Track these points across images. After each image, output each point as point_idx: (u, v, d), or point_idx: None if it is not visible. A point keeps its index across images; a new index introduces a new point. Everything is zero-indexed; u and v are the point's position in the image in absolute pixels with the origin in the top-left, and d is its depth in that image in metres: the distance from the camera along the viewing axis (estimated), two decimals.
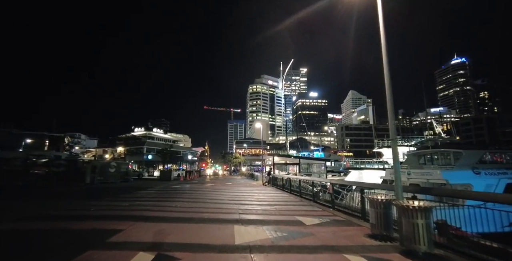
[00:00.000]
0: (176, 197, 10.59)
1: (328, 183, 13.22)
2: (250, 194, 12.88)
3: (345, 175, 39.43)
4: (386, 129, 37.17)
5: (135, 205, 8.25)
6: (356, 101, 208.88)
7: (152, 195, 11.39)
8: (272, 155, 23.07)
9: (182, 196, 11.25)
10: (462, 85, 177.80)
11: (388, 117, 4.85)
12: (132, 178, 24.53)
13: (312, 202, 10.19)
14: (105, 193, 12.47)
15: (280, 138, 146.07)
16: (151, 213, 6.80)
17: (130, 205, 8.21)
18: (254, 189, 16.68)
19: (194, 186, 17.42)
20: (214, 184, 20.36)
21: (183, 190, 14.20)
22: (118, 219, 5.84)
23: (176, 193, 12.72)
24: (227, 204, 8.89)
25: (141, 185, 18.39)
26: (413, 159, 19.38)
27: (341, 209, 8.22)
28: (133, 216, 6.34)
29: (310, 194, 13.45)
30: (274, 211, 7.80)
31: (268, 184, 20.42)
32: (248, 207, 8.41)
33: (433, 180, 14.66)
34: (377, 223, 4.83)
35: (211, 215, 6.78)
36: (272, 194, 13.33)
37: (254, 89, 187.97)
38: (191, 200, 9.82)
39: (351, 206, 8.38)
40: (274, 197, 11.87)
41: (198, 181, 24.12)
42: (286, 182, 16.85)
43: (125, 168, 21.97)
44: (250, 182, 26.45)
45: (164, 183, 20.94)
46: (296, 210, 8.22)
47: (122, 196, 10.69)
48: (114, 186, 16.97)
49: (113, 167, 19.90)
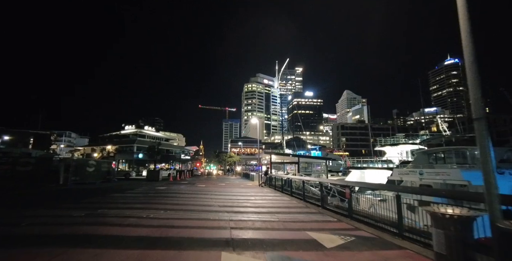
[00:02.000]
0: (155, 203, 8.64)
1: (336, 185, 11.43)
2: (245, 198, 11.01)
3: (344, 175, 37.87)
4: (382, 128, 35.93)
5: (94, 215, 6.29)
6: (351, 100, 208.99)
7: (127, 200, 9.41)
8: (269, 154, 21.23)
9: (163, 201, 9.30)
10: (455, 86, 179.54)
11: (468, 84, 3.05)
12: (116, 178, 22.39)
13: (320, 209, 8.40)
14: (71, 196, 10.45)
15: (276, 137, 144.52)
16: (107, 229, 4.87)
17: (87, 215, 6.24)
18: (249, 191, 14.82)
19: (181, 188, 15.46)
20: (206, 185, 18.42)
21: (167, 193, 12.24)
22: (46, 243, 3.90)
23: (157, 197, 10.75)
24: (217, 213, 7.00)
25: (122, 186, 16.33)
26: (422, 158, 17.80)
27: (361, 218, 6.46)
28: (76, 235, 4.41)
29: (315, 197, 11.69)
30: (276, 224, 5.96)
31: (265, 185, 18.59)
32: (243, 217, 6.55)
33: (451, 181, 13.04)
34: (450, 254, 3.03)
35: (191, 232, 4.88)
36: (271, 198, 11.49)
37: (250, 88, 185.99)
38: (172, 206, 7.89)
39: (376, 215, 6.61)
40: (274, 202, 10.04)
41: (188, 182, 22.12)
42: (286, 183, 15.06)
43: (106, 167, 19.81)
44: (245, 182, 24.58)
45: (151, 184, 18.90)
46: (305, 221, 6.39)
47: (87, 202, 8.68)
48: (90, 187, 14.88)
49: (91, 166, 17.74)
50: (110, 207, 7.44)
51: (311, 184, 15.06)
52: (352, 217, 6.80)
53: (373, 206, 11.13)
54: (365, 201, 10.36)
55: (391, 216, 6.52)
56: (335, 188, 13.97)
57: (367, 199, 11.29)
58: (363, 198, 10.76)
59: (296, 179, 13.84)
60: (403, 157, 26.25)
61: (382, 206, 7.11)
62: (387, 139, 28.09)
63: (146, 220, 5.79)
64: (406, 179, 16.82)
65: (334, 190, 14.38)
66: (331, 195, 14.83)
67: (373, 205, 11.23)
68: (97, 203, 8.32)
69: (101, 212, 6.65)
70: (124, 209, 7.20)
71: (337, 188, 13.82)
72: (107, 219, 5.82)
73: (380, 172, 23.03)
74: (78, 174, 16.33)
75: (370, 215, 6.86)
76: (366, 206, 9.92)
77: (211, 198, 10.42)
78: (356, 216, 6.74)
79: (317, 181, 10.75)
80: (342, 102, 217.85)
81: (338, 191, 14.43)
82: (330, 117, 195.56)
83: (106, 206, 7.76)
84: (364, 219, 6.35)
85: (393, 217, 6.16)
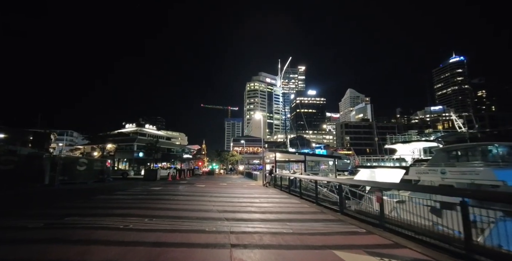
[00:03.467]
0: (142, 208, 7.28)
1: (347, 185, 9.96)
2: (248, 201, 9.63)
3: (352, 174, 36.33)
4: (387, 127, 34.22)
5: (56, 226, 4.93)
6: (354, 99, 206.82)
7: (111, 204, 8.07)
8: (273, 152, 19.84)
9: (153, 205, 7.94)
10: (460, 84, 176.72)
11: None
12: (112, 178, 21.14)
13: (339, 215, 7.00)
14: (49, 199, 9.15)
15: (278, 136, 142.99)
16: (57, 250, 3.51)
17: (47, 226, 4.88)
18: (253, 192, 13.44)
19: (178, 189, 14.12)
20: (205, 185, 17.08)
21: (161, 195, 10.90)
22: None
23: (148, 199, 9.41)
24: (215, 222, 5.63)
25: (115, 186, 15.06)
26: (441, 156, 16.30)
27: (398, 230, 5.07)
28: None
29: (329, 200, 10.28)
30: (291, 237, 4.57)
31: (269, 185, 17.21)
32: (247, 227, 5.17)
33: (480, 181, 11.54)
34: None
35: (176, 255, 3.50)
36: (278, 200, 10.10)
37: (252, 86, 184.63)
38: (161, 213, 6.53)
39: (417, 225, 5.21)
40: (282, 206, 8.65)
41: (187, 182, 20.80)
42: (292, 183, 13.66)
43: (100, 166, 18.53)
44: (248, 182, 23.23)
45: (147, 183, 17.61)
46: (326, 233, 4.99)
47: (61, 206, 7.34)
48: (79, 188, 13.60)
49: (82, 164, 16.47)
50: (84, 214, 6.09)
51: (320, 184, 13.66)
52: (385, 227, 5.39)
53: (395, 209, 9.71)
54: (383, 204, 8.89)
55: (418, 221, 5.12)
56: (348, 189, 12.56)
57: (385, 201, 9.84)
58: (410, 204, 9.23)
59: (305, 179, 12.41)
60: (415, 155, 24.74)
61: (404, 208, 5.83)
62: (398, 136, 26.54)
63: (121, 234, 4.42)
64: (424, 178, 15.36)
65: (347, 190, 12.98)
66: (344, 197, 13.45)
67: (395, 208, 9.82)
68: (72, 208, 6.98)
69: (68, 220, 5.29)
70: (100, 216, 5.84)
71: (347, 188, 12.43)
72: (70, 231, 4.46)
73: (391, 171, 21.53)
74: (66, 173, 15.06)
75: (409, 225, 5.45)
76: (386, 209, 8.47)
77: (209, 201, 9.04)
78: (390, 226, 5.34)
79: (335, 181, 9.26)
80: (345, 100, 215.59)
81: (351, 192, 13.02)
82: (333, 116, 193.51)
83: (81, 212, 6.41)
84: (403, 231, 4.94)
85: (424, 224, 4.88)
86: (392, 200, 10.37)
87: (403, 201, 7.63)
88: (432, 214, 6.37)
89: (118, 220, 5.40)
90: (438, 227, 6.97)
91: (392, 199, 10.51)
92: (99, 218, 5.58)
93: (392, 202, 10.29)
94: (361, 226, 5.66)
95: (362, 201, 12.96)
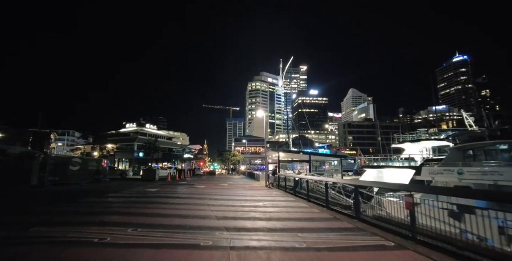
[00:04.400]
0: (130, 214, 6.38)
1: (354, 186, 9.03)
2: (251, 204, 8.71)
3: (357, 174, 35.30)
4: (390, 126, 32.79)
5: (15, 240, 4.02)
6: (356, 99, 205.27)
7: (96, 208, 7.18)
8: (276, 151, 18.89)
9: (143, 210, 7.03)
10: (463, 83, 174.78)
11: None
12: (108, 178, 20.30)
13: (356, 222, 6.08)
14: (29, 202, 8.28)
15: (280, 136, 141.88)
16: None
17: (2, 240, 3.98)
18: (256, 193, 12.52)
19: (176, 190, 13.23)
20: (205, 186, 16.19)
21: (156, 197, 10.00)
22: None
23: (139, 203, 8.50)
24: (212, 232, 4.71)
25: (110, 187, 14.20)
26: (456, 155, 15.29)
27: (432, 242, 4.15)
28: None
29: (340, 204, 9.35)
30: (306, 255, 3.62)
31: (272, 186, 16.28)
32: (252, 240, 4.25)
33: (505, 182, 10.57)
34: None
35: None
36: (284, 203, 9.17)
37: (253, 86, 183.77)
38: (150, 220, 5.62)
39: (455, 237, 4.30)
40: (289, 210, 7.71)
41: (187, 182, 19.91)
42: (297, 184, 12.73)
43: (95, 166, 17.68)
44: (250, 182, 22.30)
45: (145, 184, 16.73)
46: (348, 248, 4.06)
47: (37, 211, 6.44)
48: (70, 189, 12.74)
49: (76, 164, 15.62)
50: (58, 222, 5.18)
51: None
52: (417, 239, 4.46)
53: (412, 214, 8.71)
54: (396, 207, 7.80)
55: (446, 229, 4.45)
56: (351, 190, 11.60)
57: (398, 204, 8.83)
58: (393, 203, 8.09)
59: (314, 180, 11.45)
60: (423, 154, 23.71)
61: (420, 212, 4.99)
62: (406, 135, 25.50)
63: (91, 251, 3.50)
64: (438, 179, 14.36)
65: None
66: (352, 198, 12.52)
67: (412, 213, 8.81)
68: (47, 214, 6.09)
69: (32, 232, 4.37)
70: (76, 225, 4.93)
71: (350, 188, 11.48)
72: (26, 248, 3.55)
73: (400, 171, 20.53)
74: (58, 173, 14.21)
75: (445, 236, 4.51)
76: (402, 213, 7.44)
77: (208, 205, 8.13)
78: (424, 239, 4.40)
79: (351, 184, 8.27)
80: (347, 100, 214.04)
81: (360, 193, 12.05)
82: (335, 116, 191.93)
83: (55, 219, 5.50)
84: (443, 245, 4.00)
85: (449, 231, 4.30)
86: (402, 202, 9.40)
87: (417, 204, 6.70)
88: (451, 218, 5.51)
89: (95, 230, 4.49)
90: (466, 235, 6.10)
91: (402, 201, 9.53)
92: (73, 228, 4.67)
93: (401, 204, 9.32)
94: (387, 238, 4.72)
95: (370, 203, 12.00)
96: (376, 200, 12.09)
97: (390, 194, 11.27)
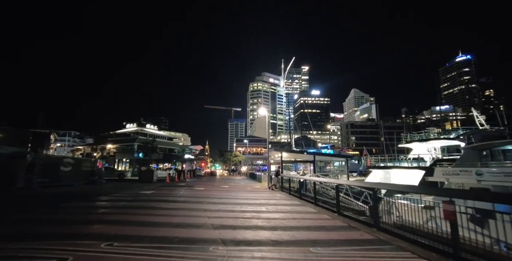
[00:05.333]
0: (111, 222, 5.51)
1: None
2: (253, 209, 7.83)
3: (362, 175, 34.29)
4: (394, 127, 31.49)
5: None
6: (358, 99, 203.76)
7: (76, 215, 6.34)
8: (279, 151, 18.00)
9: (129, 217, 6.17)
10: (467, 83, 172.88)
11: None
12: (104, 180, 19.49)
13: (375, 231, 5.20)
14: (3, 207, 7.43)
15: (282, 136, 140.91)
16: None
17: None
18: (258, 196, 11.63)
19: (173, 193, 12.37)
20: (204, 188, 15.33)
21: (148, 201, 9.14)
22: None
23: (128, 208, 7.65)
24: (205, 248, 3.84)
25: (103, 190, 13.38)
26: (472, 155, 14.32)
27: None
28: None
29: (353, 208, 8.46)
30: None
31: (275, 188, 15.39)
32: (253, 259, 3.38)
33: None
34: None
35: None
36: (289, 208, 8.28)
37: (255, 87, 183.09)
38: (130, 231, 4.75)
39: None
40: (296, 216, 6.82)
41: (186, 184, 19.05)
42: (302, 185, 11.84)
43: (89, 167, 16.88)
44: (252, 184, 21.42)
45: (141, 186, 15.91)
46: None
47: (3, 220, 5.60)
48: (59, 191, 11.92)
49: (68, 165, 14.80)
50: (16, 235, 4.30)
51: (332, 187, 11.79)
52: (462, 258, 3.56)
53: (432, 219, 7.77)
54: (411, 212, 6.69)
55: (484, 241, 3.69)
56: (367, 193, 10.68)
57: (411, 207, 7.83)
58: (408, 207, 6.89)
59: (322, 182, 10.53)
60: (431, 154, 22.73)
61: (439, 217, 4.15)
62: (414, 134, 24.51)
63: None
64: (453, 180, 13.39)
65: (366, 194, 11.12)
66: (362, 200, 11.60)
67: (432, 218, 7.88)
68: (13, 223, 5.23)
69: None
70: (38, 239, 4.05)
71: (366, 192, 10.57)
72: None
73: (409, 172, 19.56)
74: (48, 174, 13.40)
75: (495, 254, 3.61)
76: (418, 218, 6.43)
77: (204, 210, 7.25)
78: (467, 257, 3.51)
79: (369, 187, 7.35)
80: (349, 101, 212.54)
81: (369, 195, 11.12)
82: (336, 117, 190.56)
83: (17, 230, 4.64)
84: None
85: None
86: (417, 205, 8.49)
87: (432, 207, 5.80)
88: (472, 223, 4.63)
89: (59, 246, 3.62)
90: (501, 245, 5.35)
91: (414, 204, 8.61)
92: (33, 242, 3.80)
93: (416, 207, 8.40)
94: (419, 254, 3.83)
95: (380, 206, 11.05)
96: (386, 202, 11.10)
97: (399, 196, 10.34)
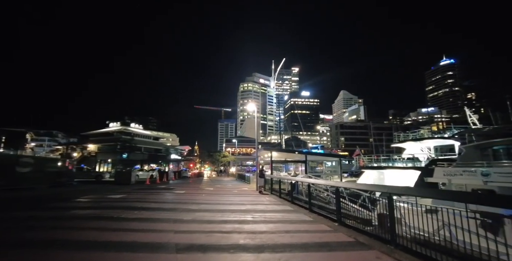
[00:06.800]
0: (38, 244, 4.00)
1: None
2: (237, 218, 6.44)
3: (353, 176, 33.56)
4: (382, 127, 30.63)
5: None
6: (347, 101, 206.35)
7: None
8: (269, 150, 16.70)
9: (71, 234, 4.65)
10: (451, 86, 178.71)
11: None
12: (76, 182, 17.57)
13: (393, 249, 3.93)
14: None
15: (272, 137, 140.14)
16: None
17: None
18: (245, 201, 10.24)
19: (147, 197, 10.78)
20: (186, 191, 13.80)
21: (109, 208, 7.57)
22: None
23: (77, 218, 6.09)
24: None
25: (65, 193, 11.60)
26: (473, 153, 13.53)
27: None
28: None
29: (356, 216, 7.21)
30: None
31: (265, 191, 14.05)
32: None
33: None
34: None
35: None
36: (280, 216, 6.94)
37: (245, 87, 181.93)
38: (55, 258, 3.27)
39: None
40: (290, 229, 5.48)
41: (166, 186, 17.40)
42: (294, 188, 10.57)
43: (56, 167, 14.99)
44: (240, 186, 20.00)
45: (114, 189, 14.14)
46: None
47: None
48: (8, 196, 10.10)
49: (26, 165, 12.89)
50: None
51: (324, 189, 10.61)
52: None
53: (445, 227, 6.58)
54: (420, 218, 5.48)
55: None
56: (365, 196, 9.54)
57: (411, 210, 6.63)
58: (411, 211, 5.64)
59: (320, 185, 9.28)
60: (424, 153, 22.15)
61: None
62: (408, 134, 23.88)
63: None
64: (456, 181, 12.50)
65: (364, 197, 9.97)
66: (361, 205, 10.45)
67: (445, 225, 6.69)
68: None
69: None
70: None
71: (365, 195, 9.44)
72: None
73: (404, 173, 18.77)
74: (3, 176, 11.52)
75: None
76: (427, 225, 5.18)
77: (174, 221, 5.79)
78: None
79: (382, 191, 5.98)
80: (338, 102, 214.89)
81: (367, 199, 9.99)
82: (326, 118, 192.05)
83: None
84: None
85: None
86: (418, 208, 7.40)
87: (436, 211, 4.66)
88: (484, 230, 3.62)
89: None
90: None
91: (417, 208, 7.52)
92: None
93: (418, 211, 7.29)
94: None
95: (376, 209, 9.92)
96: (383, 204, 9.91)
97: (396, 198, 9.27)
